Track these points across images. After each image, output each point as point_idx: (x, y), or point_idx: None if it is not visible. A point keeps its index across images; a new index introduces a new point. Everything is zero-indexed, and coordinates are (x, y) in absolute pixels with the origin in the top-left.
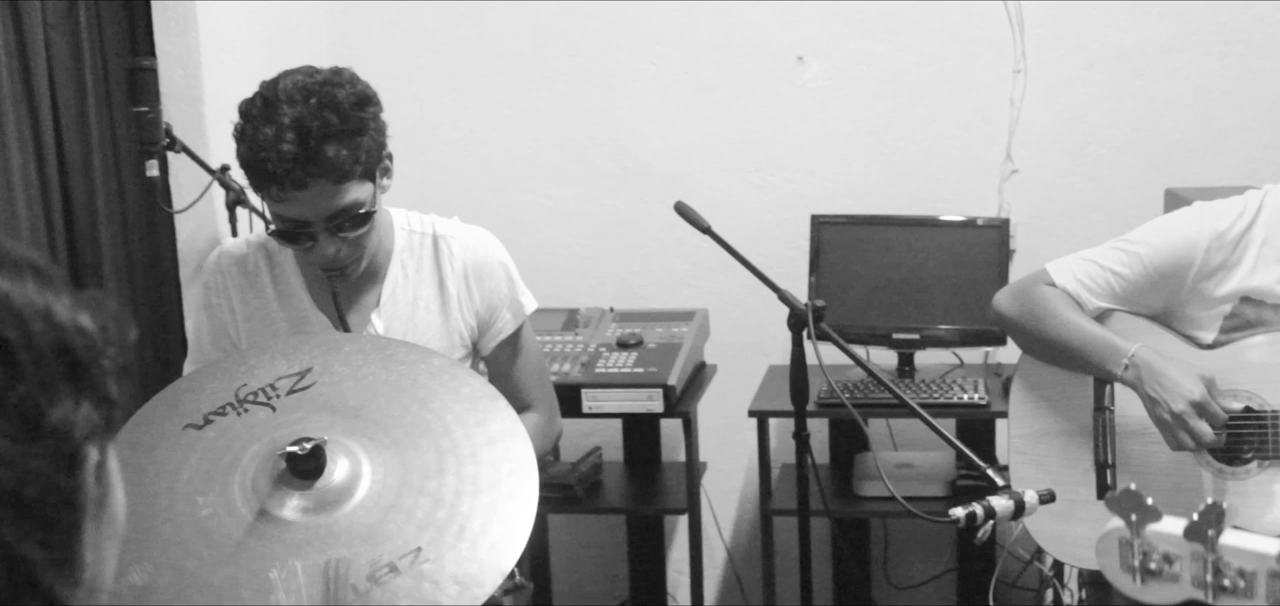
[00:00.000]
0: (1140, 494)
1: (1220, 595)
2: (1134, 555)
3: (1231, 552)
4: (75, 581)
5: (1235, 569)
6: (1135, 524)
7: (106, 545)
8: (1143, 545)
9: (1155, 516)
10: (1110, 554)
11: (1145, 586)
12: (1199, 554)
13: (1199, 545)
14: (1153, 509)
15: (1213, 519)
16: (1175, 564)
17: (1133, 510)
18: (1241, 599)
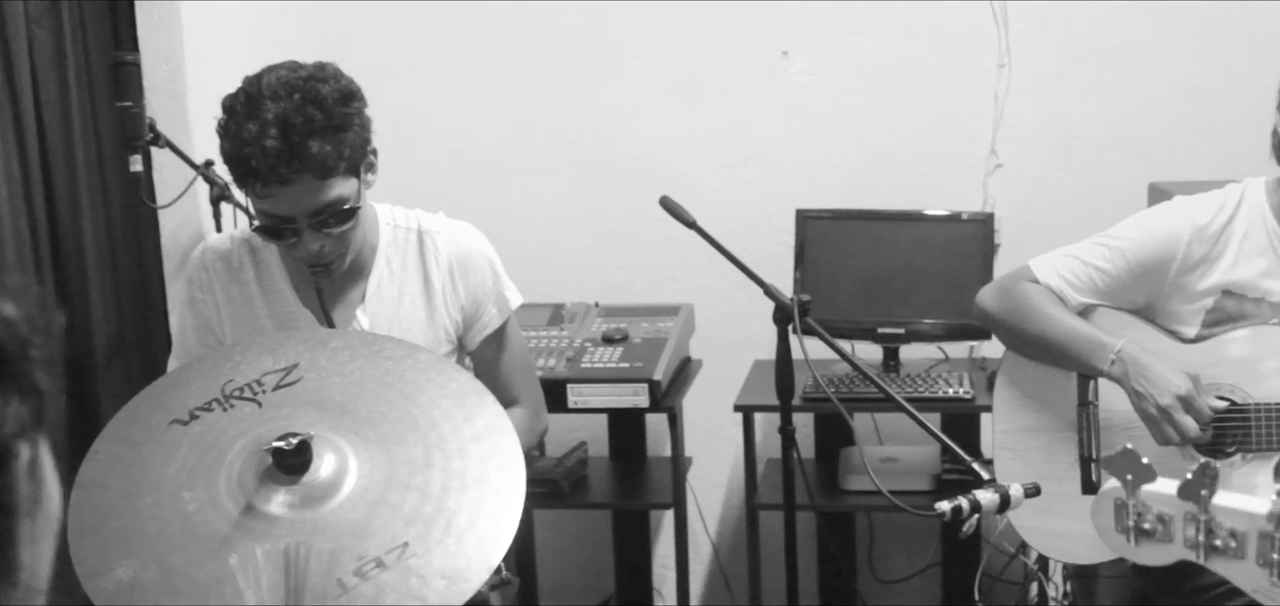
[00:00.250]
0: (1136, 453)
1: (1212, 555)
2: (1129, 516)
3: (1223, 513)
4: (11, 582)
5: (1227, 529)
6: (1131, 484)
7: (42, 542)
8: (1137, 506)
9: (1150, 476)
10: (1106, 515)
11: (1140, 547)
12: (1192, 514)
13: (1192, 505)
14: (1148, 469)
15: (1206, 479)
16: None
17: (1129, 470)
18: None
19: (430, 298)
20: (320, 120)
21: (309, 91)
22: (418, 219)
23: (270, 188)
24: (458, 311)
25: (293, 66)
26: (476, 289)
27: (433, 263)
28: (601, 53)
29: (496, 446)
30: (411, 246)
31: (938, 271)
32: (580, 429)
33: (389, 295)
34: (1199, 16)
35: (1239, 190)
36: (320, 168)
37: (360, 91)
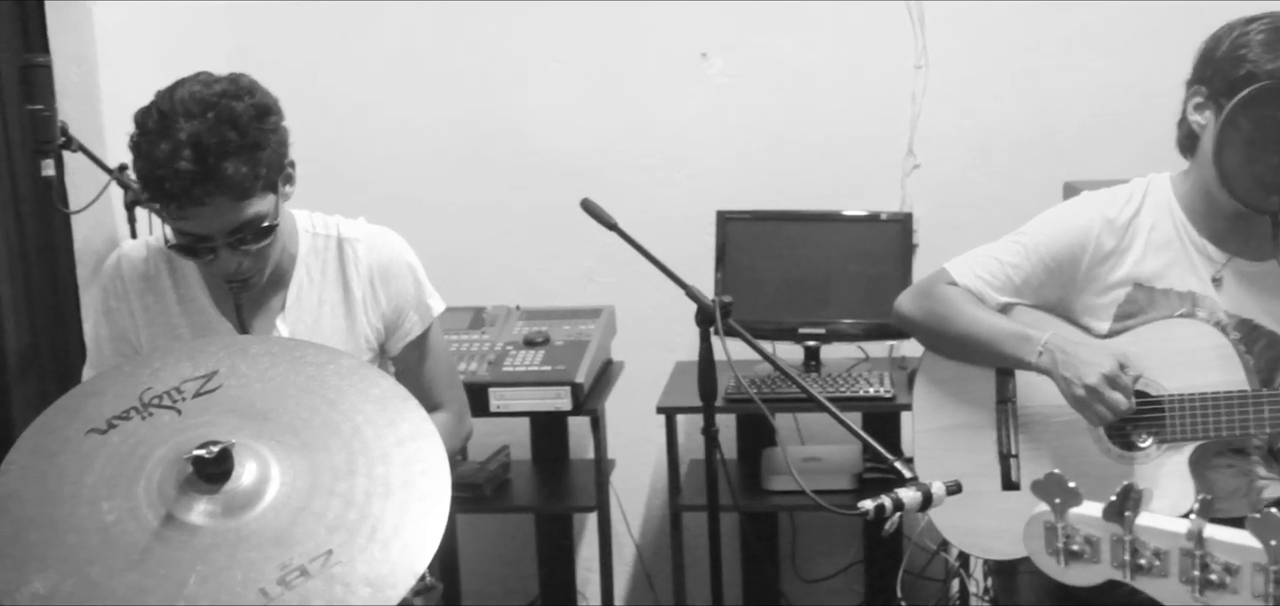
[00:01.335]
0: (1063, 478)
1: (1138, 574)
2: (1058, 538)
3: (1147, 533)
4: None
5: (1151, 549)
6: (1059, 507)
7: None
8: (1066, 529)
9: (1077, 500)
10: (1036, 538)
11: (1068, 568)
12: (1117, 535)
13: (1117, 527)
14: (1074, 493)
15: (1130, 502)
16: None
17: (1056, 494)
18: (1157, 577)
19: (350, 306)
20: (235, 140)
21: (223, 110)
22: (337, 226)
23: (185, 209)
24: (378, 319)
25: (206, 81)
26: (397, 296)
27: (353, 271)
28: (520, 55)
29: (421, 451)
30: (331, 254)
31: (857, 272)
32: (502, 432)
33: (309, 304)
34: (1111, 18)
35: (1144, 184)
36: (237, 189)
37: (276, 104)
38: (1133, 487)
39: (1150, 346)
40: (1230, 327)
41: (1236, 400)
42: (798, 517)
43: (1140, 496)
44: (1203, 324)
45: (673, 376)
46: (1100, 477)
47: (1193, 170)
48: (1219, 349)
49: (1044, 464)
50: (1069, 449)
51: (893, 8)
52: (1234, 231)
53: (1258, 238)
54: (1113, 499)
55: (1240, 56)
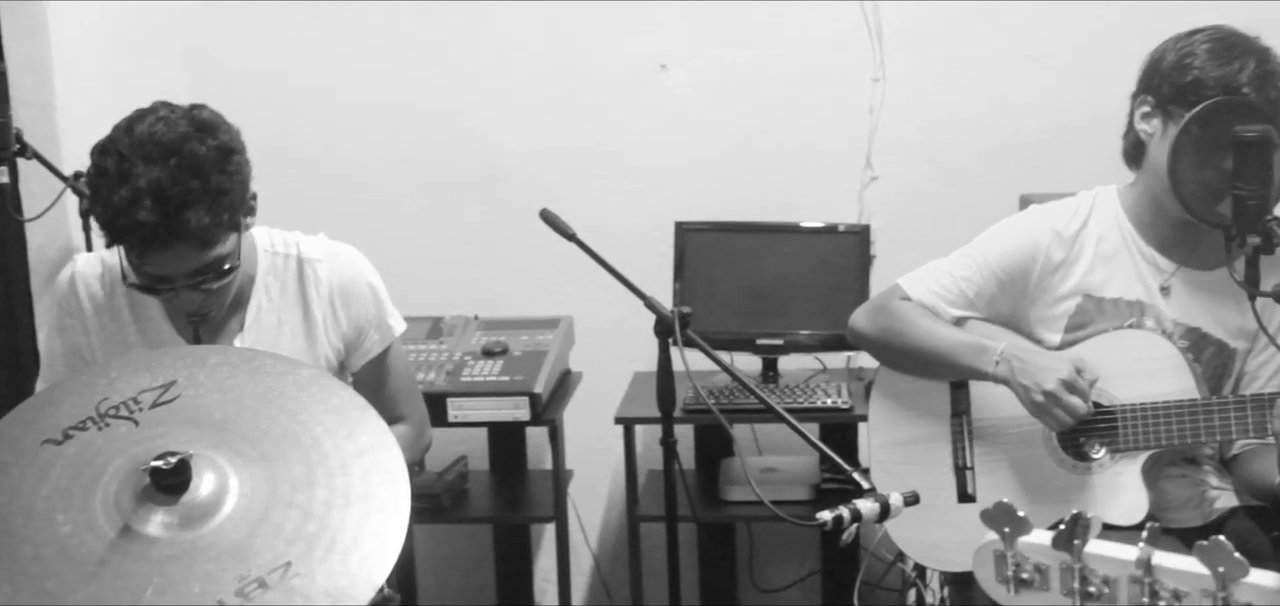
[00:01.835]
0: (1012, 507)
1: (1087, 601)
2: (1008, 566)
3: (1096, 560)
4: None
5: (1100, 576)
6: (1008, 536)
7: None
8: (1015, 556)
9: (1026, 528)
10: (986, 565)
11: (1018, 595)
12: (1067, 563)
13: (1066, 554)
14: (1024, 521)
15: (1079, 529)
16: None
17: (1006, 523)
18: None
19: (310, 327)
20: (198, 189)
21: (186, 156)
22: (297, 244)
23: (146, 255)
24: (339, 339)
25: (167, 119)
26: (358, 316)
27: (313, 292)
28: (479, 64)
29: (380, 462)
30: (291, 274)
31: (815, 283)
32: (460, 443)
33: (268, 324)
34: (1067, 31)
35: (1091, 197)
36: (199, 239)
37: (239, 140)
38: (1082, 516)
39: (1101, 357)
40: (1178, 336)
41: (1187, 409)
42: (755, 528)
43: (1089, 524)
44: (1152, 333)
45: (631, 387)
46: (1054, 489)
47: (1139, 181)
48: (1169, 358)
49: (999, 475)
50: (1023, 460)
51: (851, 21)
52: (1181, 240)
53: (1204, 247)
54: (1062, 527)
55: (1186, 65)
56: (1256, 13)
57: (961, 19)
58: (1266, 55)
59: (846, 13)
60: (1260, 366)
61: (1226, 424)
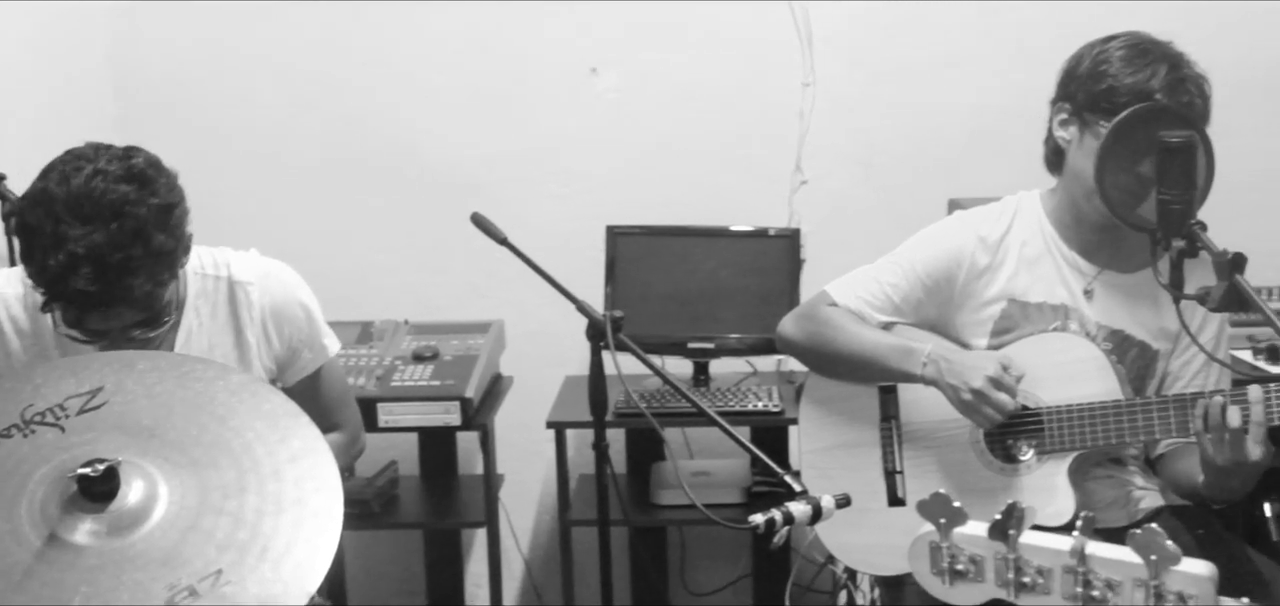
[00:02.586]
0: (948, 498)
1: (1022, 592)
2: (943, 558)
3: (1030, 551)
4: None
5: (1035, 566)
6: (944, 527)
7: None
8: (951, 548)
9: (962, 519)
10: (921, 558)
11: (954, 587)
12: (1001, 554)
13: (1001, 545)
14: (960, 512)
15: (1014, 520)
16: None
17: (941, 514)
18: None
19: (243, 351)
20: (140, 255)
21: (129, 221)
22: (228, 265)
23: (83, 319)
24: (272, 361)
25: (104, 171)
26: (291, 338)
27: (246, 316)
28: (409, 68)
29: (313, 468)
30: (222, 297)
31: (746, 286)
32: (391, 448)
33: (198, 348)
34: (992, 38)
35: (1014, 202)
36: (142, 304)
37: (178, 189)
38: (1016, 506)
39: (1027, 360)
40: (1101, 339)
41: (1111, 410)
42: (687, 531)
43: (1023, 514)
44: (1077, 336)
45: (562, 391)
46: (982, 490)
47: (1060, 186)
48: (1093, 360)
49: (928, 478)
50: (952, 463)
51: (781, 26)
52: (1102, 244)
53: (1126, 250)
54: (997, 518)
55: (1101, 72)
56: (1176, 17)
57: (890, 25)
58: (1179, 61)
59: (776, 18)
60: (1183, 366)
61: (1150, 424)
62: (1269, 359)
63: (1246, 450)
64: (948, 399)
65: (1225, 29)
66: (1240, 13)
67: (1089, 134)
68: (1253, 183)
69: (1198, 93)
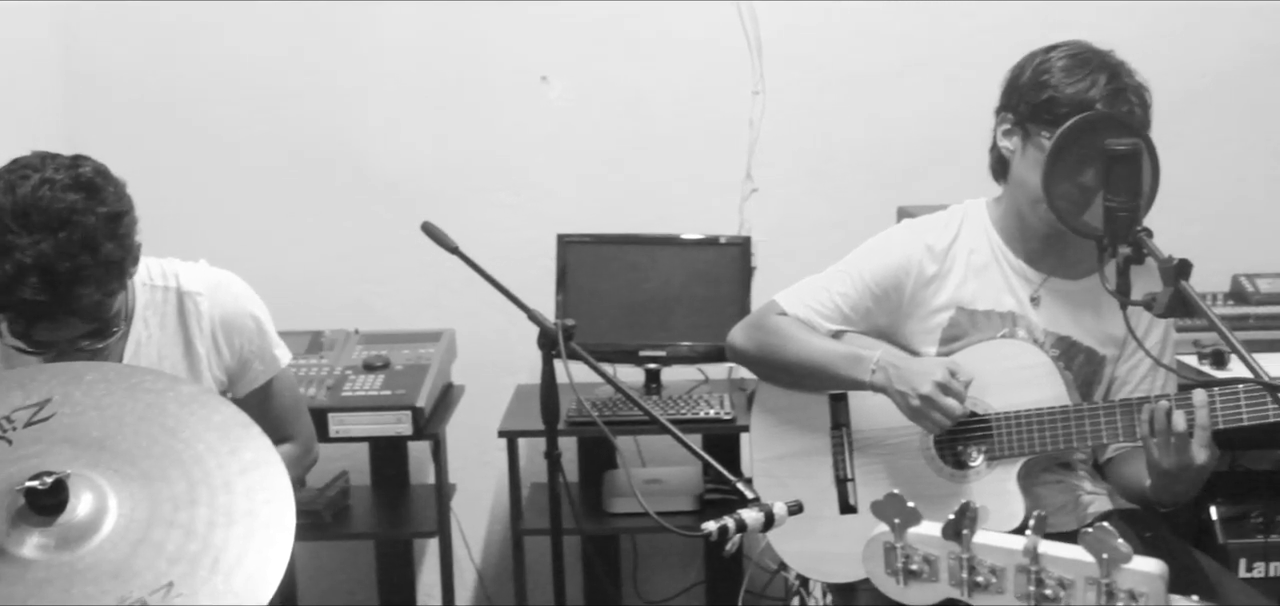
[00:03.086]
0: (902, 499)
1: (975, 591)
2: (897, 558)
3: (984, 550)
4: None
5: (988, 565)
6: (898, 527)
7: None
8: (905, 548)
9: (916, 519)
10: (875, 559)
11: (908, 587)
12: (955, 553)
13: (955, 545)
14: (914, 512)
15: (967, 520)
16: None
17: (895, 514)
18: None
19: (193, 362)
20: (89, 264)
21: (77, 230)
22: (176, 275)
23: (31, 329)
24: (222, 372)
25: (52, 182)
26: (242, 349)
27: (195, 327)
28: (359, 77)
29: (264, 479)
30: (171, 309)
31: (697, 294)
32: (341, 458)
33: (147, 360)
34: (942, 47)
35: (960, 211)
36: (91, 313)
37: (126, 198)
38: (969, 505)
39: (975, 367)
40: (1049, 345)
41: (1059, 415)
42: (639, 539)
43: (976, 514)
44: (1024, 343)
45: (514, 400)
46: (933, 496)
47: (1005, 195)
48: (1041, 366)
49: (879, 486)
50: (903, 470)
51: (730, 34)
52: (1047, 251)
53: (1071, 257)
54: (951, 517)
55: (1043, 82)
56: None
57: (839, 33)
58: (1119, 70)
59: (726, 26)
60: (1129, 372)
61: (1097, 429)
62: (1214, 364)
63: (1192, 454)
64: (897, 405)
65: (1171, 37)
66: (1186, 22)
67: (1031, 144)
68: (1197, 190)
69: (1138, 101)
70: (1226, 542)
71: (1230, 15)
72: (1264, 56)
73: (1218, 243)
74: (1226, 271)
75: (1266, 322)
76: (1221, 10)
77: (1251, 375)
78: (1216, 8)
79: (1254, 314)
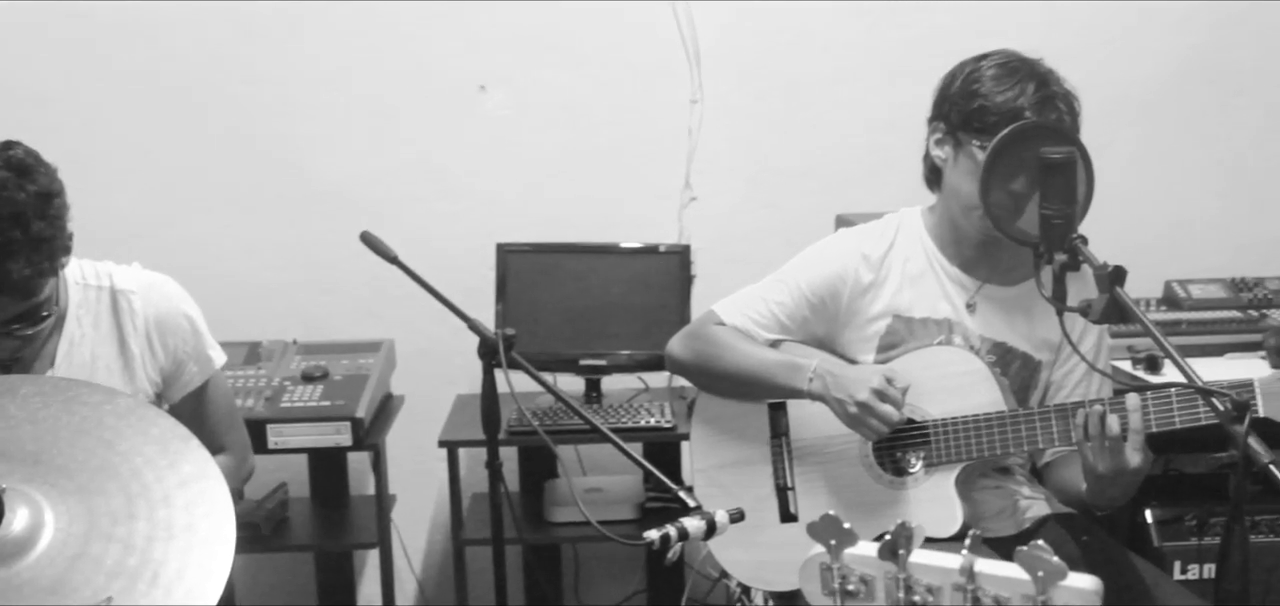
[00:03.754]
0: (838, 519)
1: None
2: (834, 578)
3: (920, 570)
4: None
5: (924, 584)
6: (834, 548)
7: None
8: (841, 568)
9: (852, 540)
10: (812, 579)
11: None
12: (892, 573)
13: (891, 565)
14: (850, 533)
15: (903, 540)
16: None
17: (831, 535)
18: None
19: (128, 361)
20: (19, 239)
21: (6, 205)
22: (110, 276)
23: None
24: (157, 373)
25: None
26: (176, 349)
27: (129, 325)
28: (297, 85)
29: (204, 492)
30: (104, 307)
31: (637, 303)
32: (280, 469)
33: (81, 360)
34: (878, 55)
35: (896, 219)
36: (21, 290)
37: (57, 181)
38: (906, 525)
39: (912, 374)
40: (985, 351)
41: (996, 421)
42: (581, 548)
43: (913, 534)
44: (961, 349)
45: (454, 410)
46: (872, 503)
47: (939, 203)
48: (977, 372)
49: (819, 494)
50: (842, 478)
51: (668, 42)
52: (982, 259)
53: (1005, 264)
54: (887, 537)
55: (973, 91)
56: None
57: (776, 42)
58: (1048, 79)
59: (664, 35)
60: (1065, 376)
61: (1033, 434)
62: (1147, 369)
63: (1126, 457)
64: (835, 413)
65: (1106, 45)
66: (1121, 29)
67: (963, 152)
68: (1130, 197)
69: (1067, 109)
70: (1161, 545)
71: (1163, 24)
72: (1195, 65)
73: (1150, 249)
74: (1159, 277)
75: (1198, 328)
76: (1154, 20)
77: (1184, 379)
78: (1149, 16)
79: (1186, 319)
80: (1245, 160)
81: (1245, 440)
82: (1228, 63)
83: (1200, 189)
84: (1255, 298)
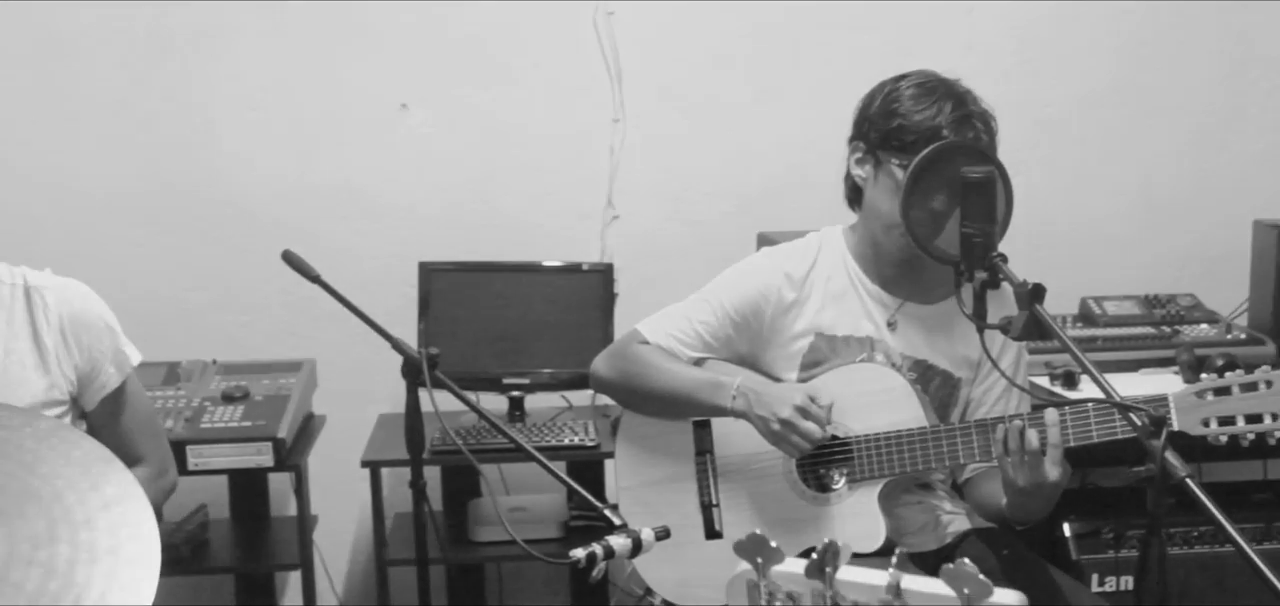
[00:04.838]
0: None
1: None
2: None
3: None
4: None
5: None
6: (761, 566)
7: None
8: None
9: (779, 558)
10: (740, 596)
11: None
12: (819, 590)
13: (818, 582)
14: (776, 551)
15: (830, 558)
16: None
17: (758, 553)
18: None
19: (43, 355)
20: None
21: None
22: (23, 275)
23: None
24: (72, 371)
25: None
26: (92, 348)
27: (42, 320)
28: (216, 103)
29: (127, 514)
30: (18, 303)
31: (560, 321)
32: (200, 491)
33: None
34: (796, 76)
35: (818, 238)
36: None
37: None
38: (832, 543)
39: (835, 391)
40: (906, 368)
41: (917, 437)
42: (505, 567)
43: (840, 552)
44: (882, 367)
45: (376, 429)
46: (797, 519)
47: (860, 222)
48: (899, 389)
49: (744, 511)
50: (766, 494)
51: (590, 62)
52: (902, 277)
53: (926, 282)
54: (814, 555)
55: (892, 110)
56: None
57: (697, 62)
58: (965, 98)
59: (586, 54)
60: (984, 393)
61: (954, 449)
62: (1065, 384)
63: (1044, 471)
64: (758, 430)
65: (1024, 65)
66: (1040, 51)
67: (883, 171)
68: (1047, 215)
69: (984, 128)
70: (1080, 558)
71: (1078, 46)
72: (1111, 85)
73: (1066, 266)
74: (1075, 294)
75: (1113, 344)
76: (1069, 42)
77: (1102, 395)
78: (1065, 38)
79: (1101, 336)
80: (1157, 178)
81: (1162, 454)
82: (1142, 83)
83: (1114, 207)
84: (1168, 314)
